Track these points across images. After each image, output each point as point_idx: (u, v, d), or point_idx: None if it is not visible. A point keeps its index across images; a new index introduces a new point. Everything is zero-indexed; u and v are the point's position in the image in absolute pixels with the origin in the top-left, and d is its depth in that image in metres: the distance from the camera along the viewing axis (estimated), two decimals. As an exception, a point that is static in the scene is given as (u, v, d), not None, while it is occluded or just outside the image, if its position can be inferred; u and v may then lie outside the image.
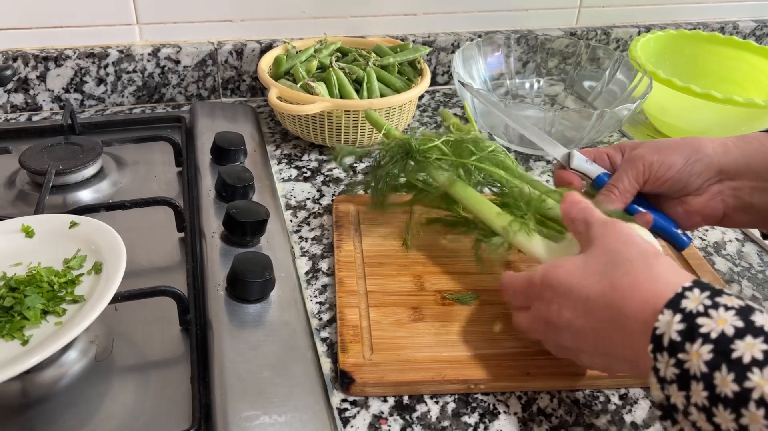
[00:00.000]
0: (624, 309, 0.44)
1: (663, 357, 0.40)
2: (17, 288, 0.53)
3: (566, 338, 0.49)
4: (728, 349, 0.37)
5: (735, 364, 0.37)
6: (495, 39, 0.99)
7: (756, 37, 1.19)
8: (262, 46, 0.97)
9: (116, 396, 0.52)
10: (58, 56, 0.90)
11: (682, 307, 0.40)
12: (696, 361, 0.38)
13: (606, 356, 0.47)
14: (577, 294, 0.47)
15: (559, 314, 0.48)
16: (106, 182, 0.77)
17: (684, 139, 0.58)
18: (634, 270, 0.45)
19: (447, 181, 0.65)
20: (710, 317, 0.39)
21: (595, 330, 0.46)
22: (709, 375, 0.37)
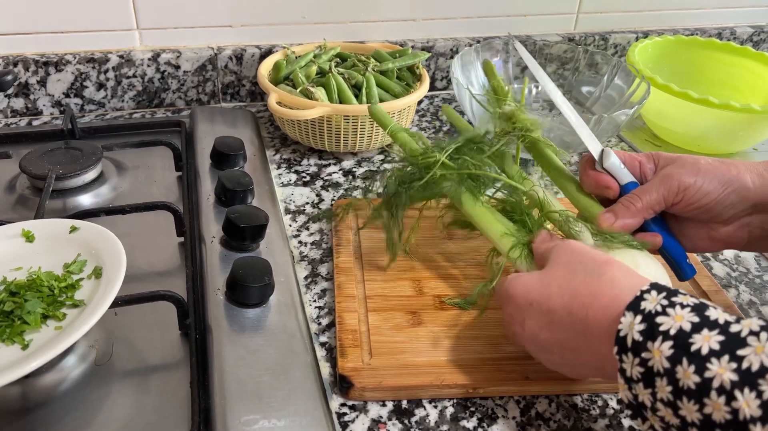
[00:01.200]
0: (586, 317, 0.45)
1: (628, 357, 0.41)
2: (17, 292, 0.53)
3: (533, 349, 0.51)
4: (687, 343, 0.39)
5: (694, 356, 0.38)
6: (493, 44, 0.99)
7: (753, 43, 1.20)
8: (262, 52, 0.97)
9: (116, 400, 0.52)
10: (59, 61, 0.91)
11: (641, 308, 0.42)
12: (658, 358, 0.39)
13: (574, 366, 0.49)
14: (538, 307, 0.49)
15: (523, 326, 0.50)
16: (106, 187, 0.77)
17: (722, 163, 0.55)
18: (590, 278, 0.47)
19: (453, 195, 0.64)
20: (668, 315, 0.41)
21: (559, 341, 0.48)
22: (671, 370, 0.39)
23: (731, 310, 0.63)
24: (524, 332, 0.50)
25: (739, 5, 1.18)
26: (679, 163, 0.56)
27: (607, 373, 0.45)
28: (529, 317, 0.50)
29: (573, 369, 0.50)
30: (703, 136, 0.91)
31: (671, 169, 0.56)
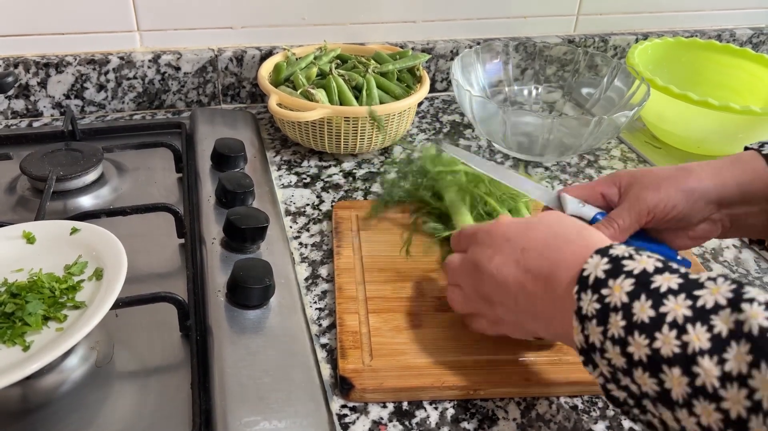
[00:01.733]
0: (556, 260, 0.47)
1: (587, 295, 0.42)
2: (18, 294, 0.53)
3: (489, 289, 0.51)
4: (648, 281, 0.40)
5: (653, 293, 0.40)
6: (494, 46, 0.99)
7: (753, 45, 1.20)
8: (262, 53, 0.97)
9: (117, 402, 0.52)
10: (59, 63, 0.91)
11: (609, 253, 0.44)
12: (618, 293, 0.41)
13: (521, 317, 0.50)
14: (514, 243, 0.50)
15: (490, 258, 0.51)
16: (106, 188, 0.77)
17: (681, 171, 0.57)
18: (568, 231, 0.49)
19: (449, 201, 0.71)
20: (634, 260, 0.42)
21: (520, 282, 0.49)
22: (628, 305, 0.40)
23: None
24: (489, 264, 0.51)
25: (739, 7, 1.18)
26: (642, 183, 0.57)
27: (555, 327, 0.46)
28: (499, 252, 0.51)
29: (517, 323, 0.51)
30: (702, 138, 0.92)
31: (636, 191, 0.57)
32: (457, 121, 1.00)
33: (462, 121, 1.01)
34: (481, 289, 0.52)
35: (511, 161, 0.91)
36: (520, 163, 0.90)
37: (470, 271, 0.53)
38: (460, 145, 0.94)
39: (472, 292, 0.54)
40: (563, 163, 0.91)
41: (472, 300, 0.54)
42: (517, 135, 0.86)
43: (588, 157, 0.93)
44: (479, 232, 0.54)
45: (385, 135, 0.86)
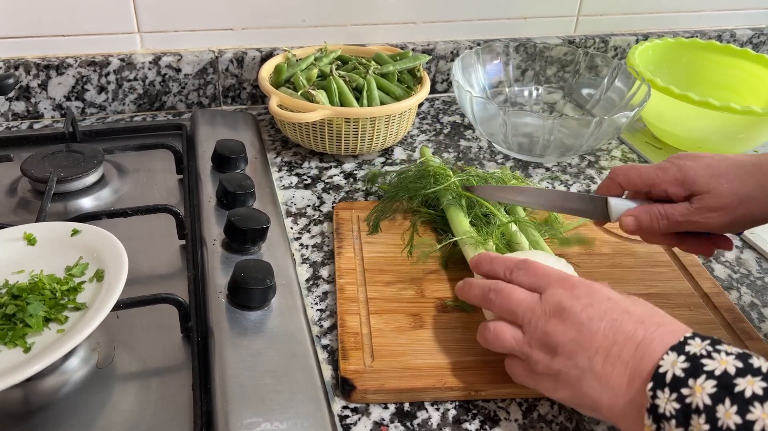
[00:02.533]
0: (653, 332, 0.45)
1: (664, 393, 0.41)
2: (19, 295, 0.53)
3: (565, 338, 0.47)
4: (731, 384, 0.39)
5: (738, 398, 0.38)
6: (494, 47, 0.99)
7: (753, 45, 1.20)
8: (263, 55, 0.97)
9: (118, 403, 0.52)
10: (60, 64, 0.91)
11: (686, 350, 0.42)
12: (699, 394, 0.39)
13: (592, 374, 0.46)
14: (614, 303, 0.48)
15: (585, 307, 0.47)
16: (107, 190, 0.77)
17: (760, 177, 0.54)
18: (663, 316, 0.47)
19: (446, 206, 0.71)
20: (713, 359, 0.41)
21: (608, 342, 0.46)
22: (712, 407, 0.38)
23: (732, 313, 0.63)
24: (579, 315, 0.47)
25: (739, 7, 1.18)
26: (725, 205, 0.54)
27: (618, 403, 0.44)
28: (597, 305, 0.47)
29: (576, 382, 0.46)
30: (703, 139, 0.92)
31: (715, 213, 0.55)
32: (457, 122, 1.00)
33: (462, 121, 1.01)
34: (553, 336, 0.48)
35: (511, 162, 0.91)
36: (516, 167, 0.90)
37: (547, 313, 0.49)
38: (461, 145, 0.94)
39: (538, 335, 0.49)
40: (564, 163, 0.91)
41: (530, 343, 0.49)
42: (518, 136, 0.86)
43: (589, 158, 0.93)
44: (571, 279, 0.50)
45: (386, 137, 0.86)
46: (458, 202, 0.71)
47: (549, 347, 0.48)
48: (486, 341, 0.52)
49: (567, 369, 0.47)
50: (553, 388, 0.48)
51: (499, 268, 0.55)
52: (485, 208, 0.70)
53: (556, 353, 0.47)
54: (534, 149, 0.86)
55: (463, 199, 0.71)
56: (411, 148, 0.92)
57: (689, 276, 0.68)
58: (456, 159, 0.90)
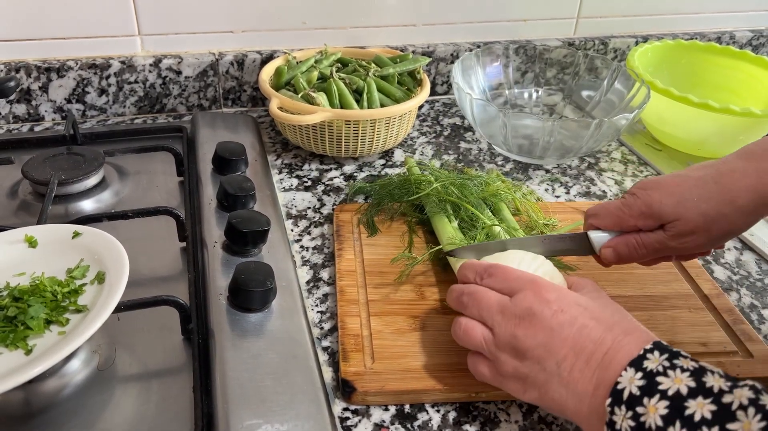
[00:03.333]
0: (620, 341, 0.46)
1: (621, 410, 0.42)
2: (21, 298, 0.53)
3: (533, 343, 0.48)
4: (682, 406, 0.40)
5: (687, 421, 0.39)
6: (494, 49, 0.99)
7: (752, 47, 1.20)
8: (263, 57, 0.97)
9: (118, 405, 0.52)
10: (60, 67, 0.91)
11: (644, 366, 0.43)
12: (653, 415, 0.40)
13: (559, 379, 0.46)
14: (584, 310, 0.49)
15: (555, 313, 0.48)
16: (108, 192, 0.77)
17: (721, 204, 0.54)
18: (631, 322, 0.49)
19: (430, 213, 0.72)
20: (668, 376, 0.42)
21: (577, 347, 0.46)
22: (663, 429, 0.40)
23: (732, 314, 0.63)
24: (549, 321, 0.48)
25: (738, 9, 1.18)
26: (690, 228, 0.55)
27: (581, 407, 0.45)
28: (568, 312, 0.48)
29: (543, 385, 0.47)
30: (703, 140, 0.92)
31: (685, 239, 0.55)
32: (457, 124, 1.01)
33: (462, 123, 1.01)
34: (522, 340, 0.48)
35: (511, 163, 0.91)
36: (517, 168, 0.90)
37: (517, 317, 0.49)
38: (461, 147, 0.94)
39: (507, 338, 0.49)
40: (564, 165, 0.91)
41: (498, 346, 0.50)
42: (518, 138, 0.86)
43: (588, 160, 0.93)
44: (542, 284, 0.51)
45: (386, 138, 0.86)
46: (443, 208, 0.71)
47: (517, 350, 0.49)
48: (457, 337, 0.53)
49: (535, 373, 0.48)
50: (521, 390, 0.49)
51: (470, 273, 0.56)
52: (470, 212, 0.70)
53: (524, 357, 0.48)
54: (534, 151, 0.87)
55: (447, 204, 0.71)
56: (411, 150, 0.93)
57: (689, 278, 0.68)
58: (456, 161, 0.90)
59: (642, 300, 0.66)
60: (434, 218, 0.71)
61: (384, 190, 0.76)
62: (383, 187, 0.77)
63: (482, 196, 0.73)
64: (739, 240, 0.77)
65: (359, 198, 0.81)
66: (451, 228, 0.68)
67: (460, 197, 0.71)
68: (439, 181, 0.73)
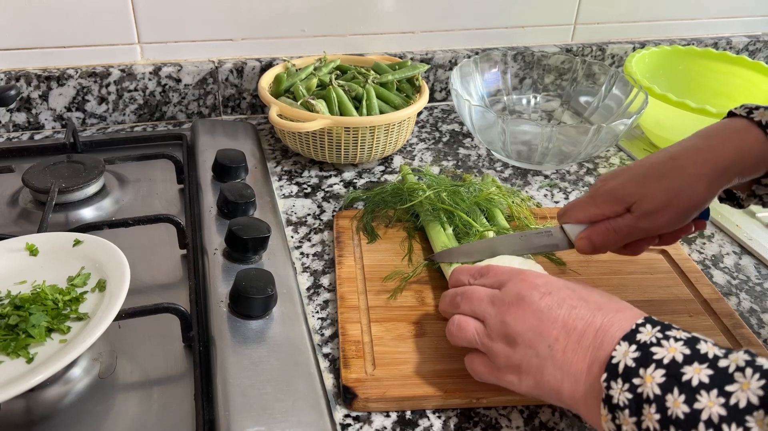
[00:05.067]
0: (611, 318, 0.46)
1: (617, 383, 0.42)
2: (22, 306, 0.53)
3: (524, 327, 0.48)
4: (679, 373, 0.40)
5: (685, 387, 0.39)
6: (492, 56, 1.00)
7: (749, 52, 1.21)
8: (263, 65, 0.98)
9: (120, 413, 0.52)
10: (61, 76, 0.91)
11: (637, 339, 0.43)
12: (650, 384, 0.40)
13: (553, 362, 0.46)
14: (572, 292, 0.49)
15: (543, 296, 0.49)
16: (108, 200, 0.77)
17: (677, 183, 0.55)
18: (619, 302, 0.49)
19: (424, 221, 0.72)
20: (662, 346, 0.42)
21: (568, 328, 0.47)
22: (661, 397, 0.40)
23: (732, 319, 0.64)
24: (538, 303, 0.48)
25: (735, 15, 1.19)
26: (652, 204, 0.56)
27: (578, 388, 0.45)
28: (556, 294, 0.49)
29: (537, 370, 0.47)
30: (701, 145, 0.92)
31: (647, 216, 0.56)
32: (456, 130, 1.01)
33: (461, 130, 1.01)
34: (512, 325, 0.49)
35: (510, 169, 0.91)
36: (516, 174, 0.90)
37: (507, 304, 0.50)
38: (459, 153, 0.94)
39: (498, 326, 0.50)
40: (563, 171, 0.92)
41: (490, 336, 0.50)
42: (517, 143, 0.86)
43: (587, 165, 0.93)
44: (530, 272, 0.52)
45: (385, 145, 0.86)
46: (436, 216, 0.71)
47: (509, 337, 0.49)
48: (451, 335, 0.53)
49: (528, 359, 0.48)
50: (517, 380, 0.49)
51: (464, 277, 0.57)
52: (463, 219, 0.70)
53: (516, 343, 0.48)
54: (533, 157, 0.87)
55: (441, 212, 0.71)
56: (410, 156, 0.93)
57: (688, 283, 0.69)
58: (455, 167, 0.91)
59: (642, 305, 0.64)
60: (428, 226, 0.72)
61: (377, 197, 0.76)
62: (376, 195, 0.77)
63: (474, 201, 0.73)
64: (738, 245, 0.77)
65: (359, 204, 0.81)
66: (445, 237, 0.69)
67: (452, 204, 0.71)
68: (432, 189, 0.73)
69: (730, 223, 0.80)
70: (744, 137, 0.55)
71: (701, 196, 0.55)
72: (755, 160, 0.55)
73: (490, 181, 0.80)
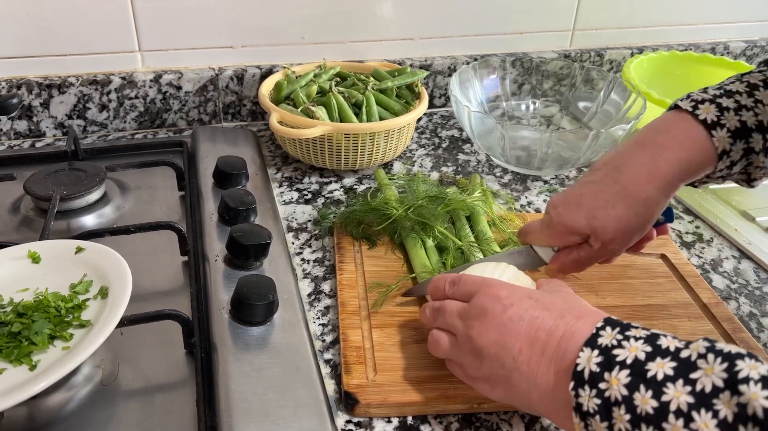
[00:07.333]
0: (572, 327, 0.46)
1: (585, 390, 0.42)
2: (25, 313, 0.53)
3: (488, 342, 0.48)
4: (643, 370, 0.40)
5: (651, 382, 0.39)
6: (491, 62, 1.00)
7: (746, 57, 1.21)
8: (263, 72, 0.98)
9: (122, 420, 0.52)
10: (62, 83, 0.92)
11: (598, 344, 0.43)
12: (616, 386, 0.40)
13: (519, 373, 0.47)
14: (535, 302, 0.49)
15: (506, 308, 0.49)
16: (109, 207, 0.78)
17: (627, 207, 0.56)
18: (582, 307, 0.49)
19: (404, 239, 0.72)
20: (623, 347, 0.42)
21: (530, 339, 0.47)
22: (629, 397, 0.40)
23: (732, 323, 0.64)
24: (500, 317, 0.49)
25: (732, 20, 1.19)
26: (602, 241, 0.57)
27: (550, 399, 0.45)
28: (518, 305, 0.49)
29: (505, 382, 0.48)
30: (699, 150, 0.92)
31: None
32: (455, 136, 1.01)
33: (461, 136, 1.02)
34: (476, 340, 0.49)
35: (510, 175, 0.91)
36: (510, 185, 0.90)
37: (472, 317, 0.50)
38: (459, 159, 0.95)
39: (466, 340, 0.50)
40: (562, 176, 0.92)
41: (460, 349, 0.51)
42: (516, 149, 0.87)
43: (586, 170, 0.93)
44: (494, 283, 0.52)
45: (386, 152, 0.87)
46: (415, 233, 0.71)
47: (475, 351, 0.49)
48: (429, 347, 0.55)
49: (495, 370, 0.48)
50: (489, 389, 0.50)
51: (441, 283, 0.56)
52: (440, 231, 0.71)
53: (482, 356, 0.49)
54: (532, 162, 0.87)
55: (417, 226, 0.71)
56: (410, 162, 0.93)
57: (688, 287, 0.69)
58: (454, 173, 0.91)
59: (641, 310, 0.66)
60: (407, 243, 0.72)
61: (354, 215, 0.75)
62: (352, 213, 0.75)
63: (447, 210, 0.73)
64: (737, 249, 0.78)
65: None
66: (424, 254, 0.69)
67: (426, 218, 0.71)
68: (404, 206, 0.73)
69: (729, 228, 0.80)
70: (688, 142, 0.55)
71: (652, 213, 0.56)
72: (700, 164, 0.55)
73: (478, 183, 0.81)
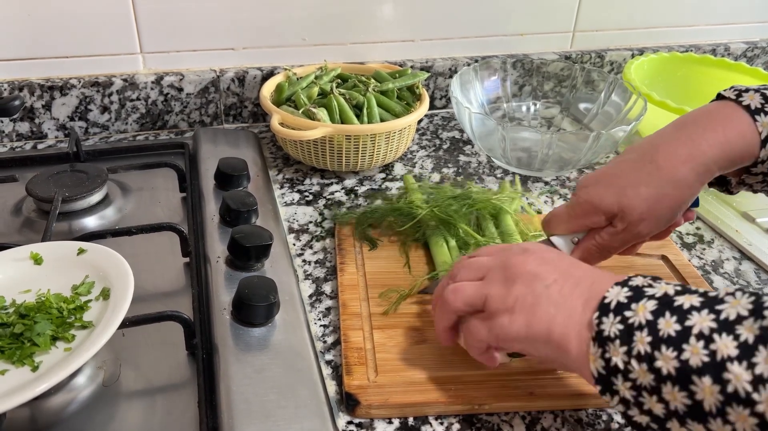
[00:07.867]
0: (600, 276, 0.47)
1: (608, 318, 0.42)
2: (27, 314, 0.53)
3: (522, 271, 0.48)
4: (671, 300, 0.41)
5: (677, 310, 0.40)
6: (491, 63, 1.01)
7: (747, 59, 1.21)
8: (264, 73, 0.99)
9: (124, 421, 0.52)
10: (63, 85, 0.92)
11: (630, 284, 0.44)
12: (641, 313, 0.41)
13: (548, 299, 0.46)
14: (559, 259, 0.50)
15: (524, 253, 0.50)
16: (111, 209, 0.78)
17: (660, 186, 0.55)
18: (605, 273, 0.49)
19: (428, 236, 0.72)
20: (654, 287, 0.43)
21: (560, 277, 0.47)
22: (653, 321, 0.41)
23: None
24: (543, 253, 0.50)
25: (733, 22, 1.20)
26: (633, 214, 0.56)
27: (569, 328, 0.44)
28: (536, 253, 0.50)
29: (531, 307, 0.47)
30: (700, 151, 0.92)
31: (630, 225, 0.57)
32: (456, 138, 1.01)
33: (461, 137, 1.02)
34: (514, 268, 0.49)
35: (510, 176, 0.91)
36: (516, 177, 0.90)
37: (514, 253, 0.50)
38: (460, 160, 0.95)
39: (500, 270, 0.49)
40: (563, 177, 0.92)
41: (489, 282, 0.50)
42: (516, 150, 0.87)
43: (587, 172, 0.94)
44: (514, 245, 0.53)
45: (386, 153, 0.87)
46: (440, 232, 0.72)
47: (509, 279, 0.49)
48: (445, 305, 0.52)
49: (523, 297, 0.47)
50: (508, 321, 0.47)
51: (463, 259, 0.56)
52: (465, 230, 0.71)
53: (514, 283, 0.48)
54: (532, 164, 0.87)
55: (441, 225, 0.72)
56: (411, 163, 0.93)
57: (689, 288, 0.69)
58: (455, 174, 0.91)
59: (642, 311, 0.66)
60: (430, 241, 0.72)
61: (376, 214, 0.76)
62: (371, 213, 0.76)
63: (472, 209, 0.73)
64: (738, 251, 0.78)
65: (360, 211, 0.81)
66: (446, 252, 0.69)
67: (450, 216, 0.72)
68: (430, 205, 0.73)
69: (729, 229, 0.80)
70: (730, 125, 0.54)
71: (684, 197, 0.55)
72: (741, 151, 0.54)
73: (507, 187, 0.81)
